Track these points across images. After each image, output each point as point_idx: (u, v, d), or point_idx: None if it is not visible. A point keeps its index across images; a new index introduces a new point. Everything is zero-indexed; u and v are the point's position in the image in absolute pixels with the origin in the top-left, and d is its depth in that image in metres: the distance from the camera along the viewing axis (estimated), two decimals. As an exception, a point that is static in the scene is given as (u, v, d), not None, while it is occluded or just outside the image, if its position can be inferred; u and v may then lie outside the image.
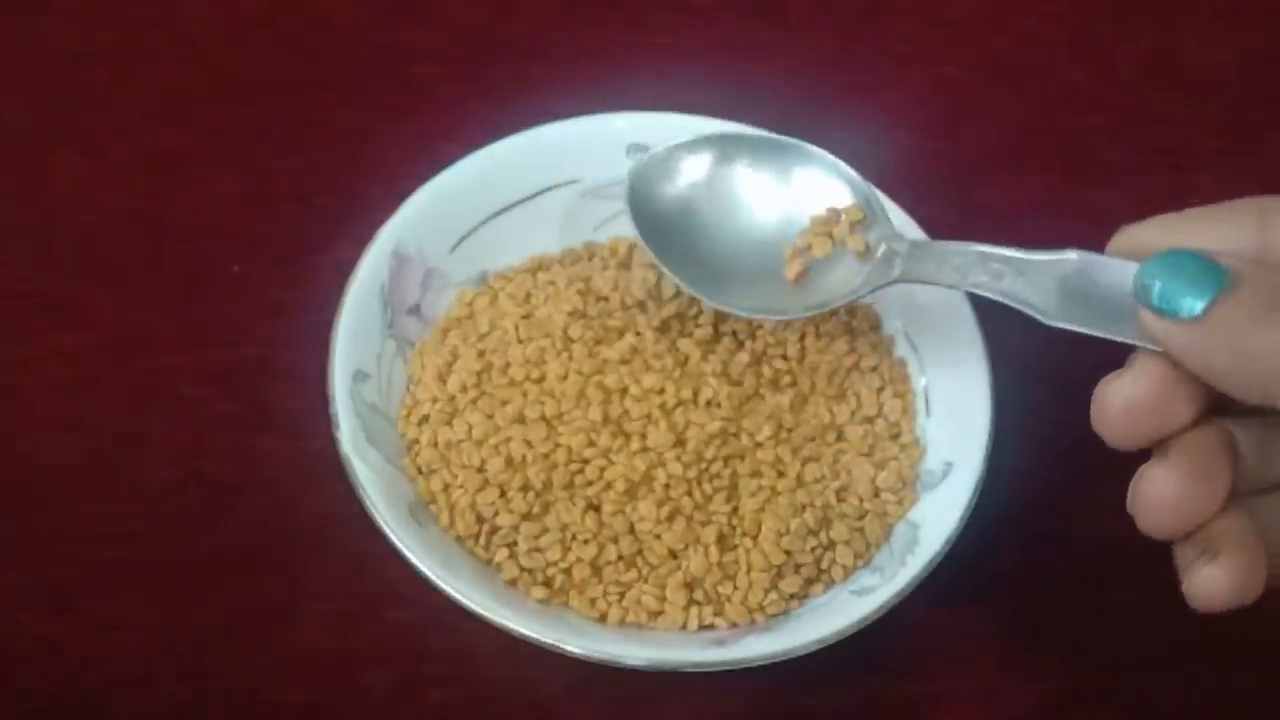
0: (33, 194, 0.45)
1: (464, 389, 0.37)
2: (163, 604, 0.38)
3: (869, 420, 0.39)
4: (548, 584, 0.35)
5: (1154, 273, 0.28)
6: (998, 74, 0.51)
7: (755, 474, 0.37)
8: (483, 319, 0.39)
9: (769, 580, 0.35)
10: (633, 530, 0.35)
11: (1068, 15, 0.53)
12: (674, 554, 0.35)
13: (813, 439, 0.38)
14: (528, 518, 0.35)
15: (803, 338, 0.40)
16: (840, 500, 0.37)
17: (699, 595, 0.35)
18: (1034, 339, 0.37)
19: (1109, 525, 0.31)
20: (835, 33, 0.52)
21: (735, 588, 0.35)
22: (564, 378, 0.37)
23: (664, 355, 0.38)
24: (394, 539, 0.34)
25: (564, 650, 0.33)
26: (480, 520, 0.36)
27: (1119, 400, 0.29)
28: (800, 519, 0.36)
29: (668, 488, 0.36)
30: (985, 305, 0.39)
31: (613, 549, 0.35)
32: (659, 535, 0.35)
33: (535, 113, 0.42)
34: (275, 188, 0.46)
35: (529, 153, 0.42)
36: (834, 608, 0.35)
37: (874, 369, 0.40)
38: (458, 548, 0.36)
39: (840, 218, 0.37)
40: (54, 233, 0.44)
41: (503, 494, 0.36)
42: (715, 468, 0.36)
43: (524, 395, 0.37)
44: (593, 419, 0.36)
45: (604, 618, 0.35)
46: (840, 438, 0.38)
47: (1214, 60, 0.52)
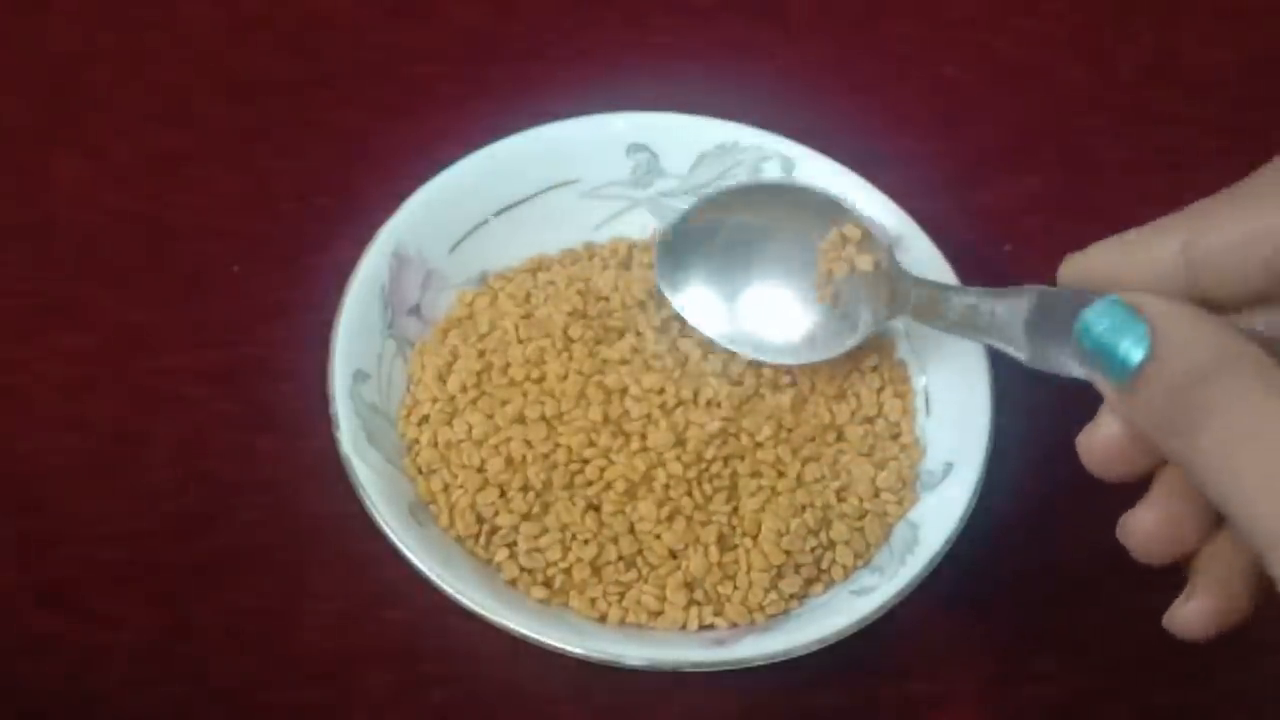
0: (33, 194, 0.45)
1: (464, 389, 0.37)
2: (163, 604, 0.38)
3: (869, 420, 0.39)
4: (547, 584, 0.35)
5: (1090, 322, 0.28)
6: (998, 74, 0.51)
7: (755, 474, 0.37)
8: (483, 319, 0.39)
9: (769, 580, 0.35)
10: (633, 530, 0.36)
11: (1068, 15, 0.53)
12: (674, 554, 0.36)
13: (813, 439, 0.38)
14: (527, 518, 0.35)
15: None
16: (840, 500, 0.37)
17: (699, 595, 0.35)
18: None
19: (1109, 525, 0.31)
20: (835, 33, 0.52)
21: (735, 588, 0.35)
22: (564, 378, 0.37)
23: (664, 355, 0.38)
24: (394, 539, 0.34)
25: (564, 650, 0.33)
26: (480, 520, 0.36)
27: (1097, 446, 0.30)
28: (800, 519, 0.36)
29: (667, 488, 0.36)
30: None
31: (612, 549, 0.35)
32: (659, 535, 0.35)
33: (535, 113, 0.42)
34: (275, 188, 0.46)
35: (529, 153, 0.42)
36: (834, 608, 0.35)
37: (874, 369, 0.40)
38: (458, 548, 0.36)
39: (845, 241, 0.38)
40: (54, 233, 0.45)
41: (503, 494, 0.36)
42: (715, 468, 0.36)
43: (524, 395, 0.37)
44: (593, 419, 0.36)
45: (604, 618, 0.35)
46: (840, 438, 0.38)
47: (1214, 60, 0.52)
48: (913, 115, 0.50)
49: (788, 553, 0.36)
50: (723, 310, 0.39)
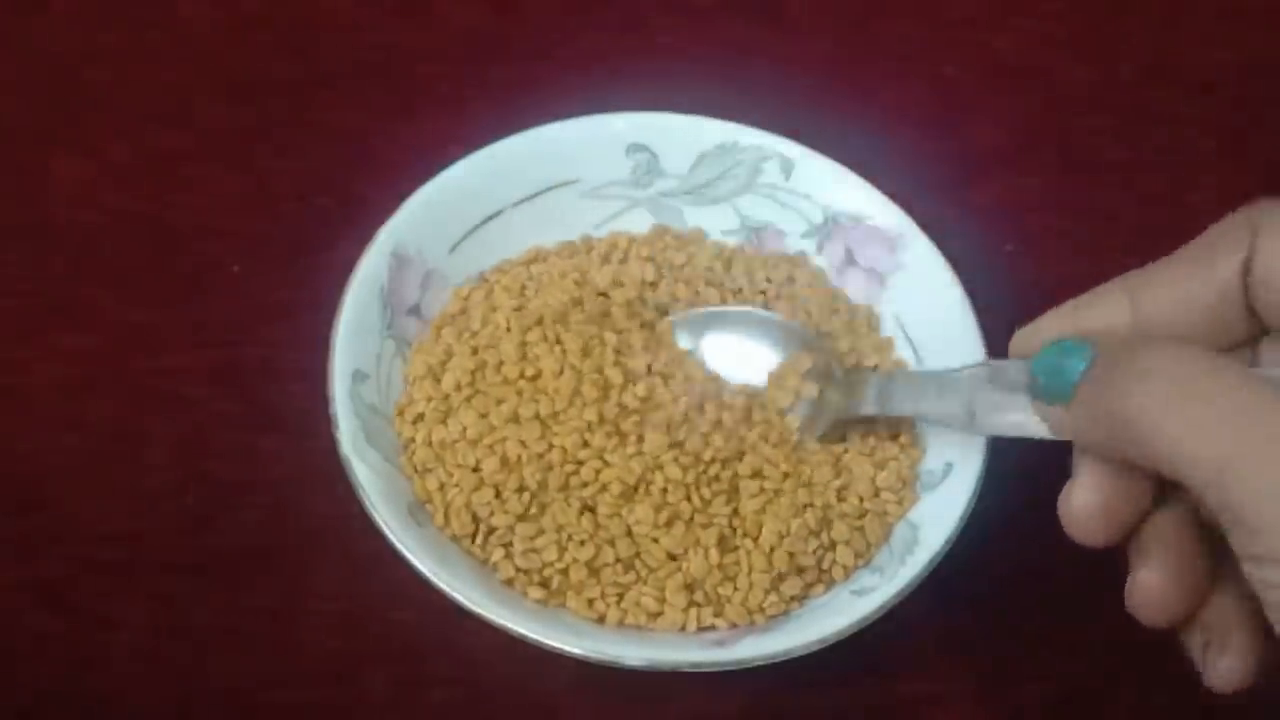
0: (33, 194, 0.45)
1: (458, 387, 0.37)
2: (163, 604, 0.38)
3: (869, 420, 0.39)
4: (545, 584, 0.35)
5: (1039, 363, 0.30)
6: (998, 74, 0.51)
7: (755, 475, 0.37)
8: (476, 314, 0.39)
9: (770, 581, 0.35)
10: (630, 533, 0.35)
11: (1068, 15, 0.53)
12: (673, 557, 0.35)
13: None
14: (523, 518, 0.35)
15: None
16: (840, 500, 0.37)
17: (699, 597, 0.35)
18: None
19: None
20: (835, 33, 0.52)
21: (736, 589, 0.35)
22: (559, 373, 0.37)
23: (662, 354, 0.38)
24: (393, 539, 0.34)
25: (564, 651, 0.33)
26: (476, 520, 0.36)
27: (1078, 504, 0.30)
28: (801, 519, 0.36)
29: (665, 492, 0.36)
30: (986, 305, 0.39)
31: (610, 551, 0.35)
32: (657, 539, 0.35)
33: (535, 113, 0.42)
34: (275, 188, 0.46)
35: (529, 153, 0.42)
36: (834, 608, 0.35)
37: (874, 369, 0.40)
38: (456, 548, 0.36)
39: (793, 372, 0.38)
40: (54, 233, 0.45)
41: (498, 494, 0.36)
42: (714, 469, 0.36)
43: (518, 394, 0.37)
44: (588, 419, 0.36)
45: (602, 619, 0.35)
46: (840, 438, 0.38)
47: (1214, 60, 0.52)
48: (913, 115, 0.50)
49: (789, 554, 0.36)
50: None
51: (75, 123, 0.47)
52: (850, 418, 0.37)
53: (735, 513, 0.36)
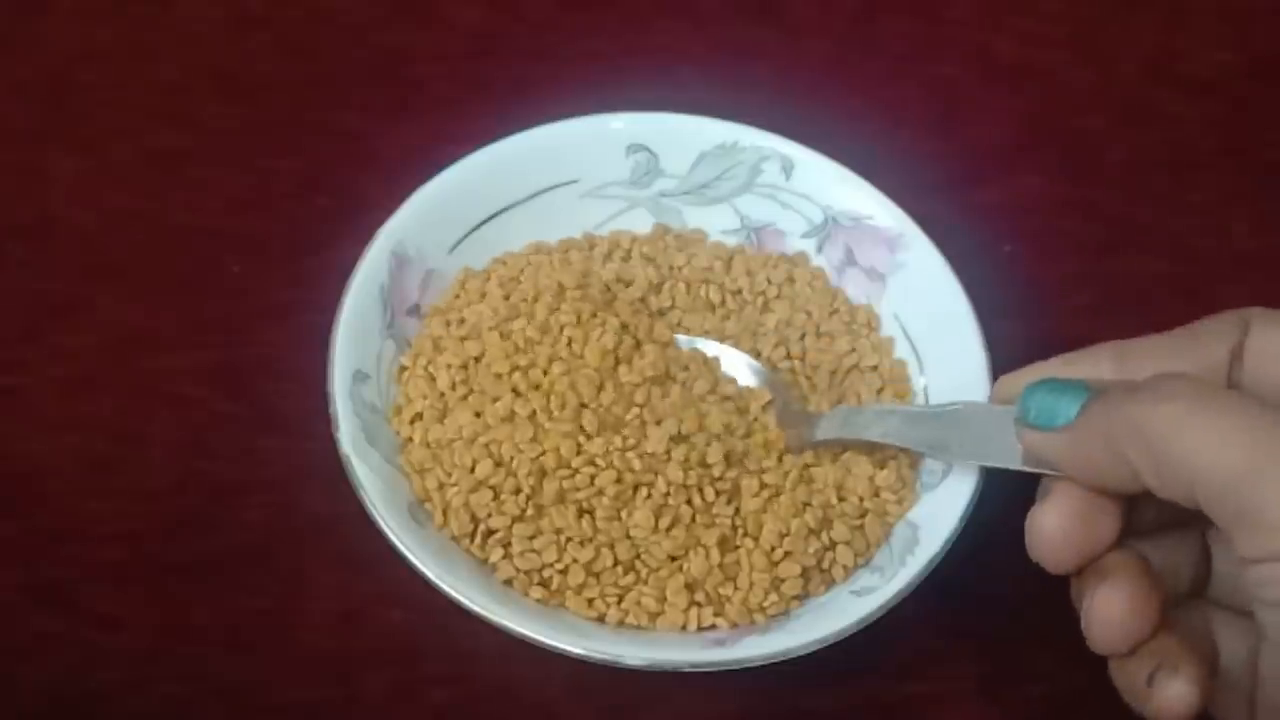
0: (33, 194, 0.45)
1: (453, 386, 0.37)
2: (163, 604, 0.38)
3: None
4: (544, 585, 0.35)
5: (1031, 395, 0.31)
6: (998, 74, 0.51)
7: (756, 474, 0.37)
8: (463, 303, 0.39)
9: (770, 581, 0.35)
10: (629, 536, 0.35)
11: (1068, 15, 0.53)
12: (673, 558, 0.35)
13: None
14: (521, 519, 0.35)
15: (803, 337, 0.40)
16: (840, 500, 0.37)
17: (699, 597, 0.35)
18: (1034, 339, 0.37)
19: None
20: (835, 33, 0.52)
21: (736, 589, 0.35)
22: (553, 369, 0.37)
23: (661, 352, 0.38)
24: (393, 539, 0.34)
25: (564, 651, 0.33)
26: (475, 520, 0.35)
27: (1051, 525, 0.31)
28: (801, 519, 0.36)
29: (666, 495, 0.35)
30: (986, 305, 0.39)
31: (609, 554, 0.35)
32: (657, 541, 0.35)
33: (535, 113, 0.42)
34: (275, 188, 0.46)
35: (529, 153, 0.42)
36: (834, 608, 0.35)
37: (874, 369, 0.40)
38: (456, 547, 0.36)
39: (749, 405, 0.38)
40: (54, 233, 0.44)
41: (495, 495, 0.35)
42: (718, 469, 0.36)
43: (513, 392, 0.36)
44: (585, 424, 0.36)
45: (602, 619, 0.35)
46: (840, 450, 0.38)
47: (1215, 60, 0.52)
48: (912, 115, 0.50)
49: (789, 553, 0.36)
50: None
51: (75, 122, 0.47)
52: (810, 444, 0.38)
53: (736, 513, 0.36)
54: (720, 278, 0.41)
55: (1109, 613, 0.31)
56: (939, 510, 0.36)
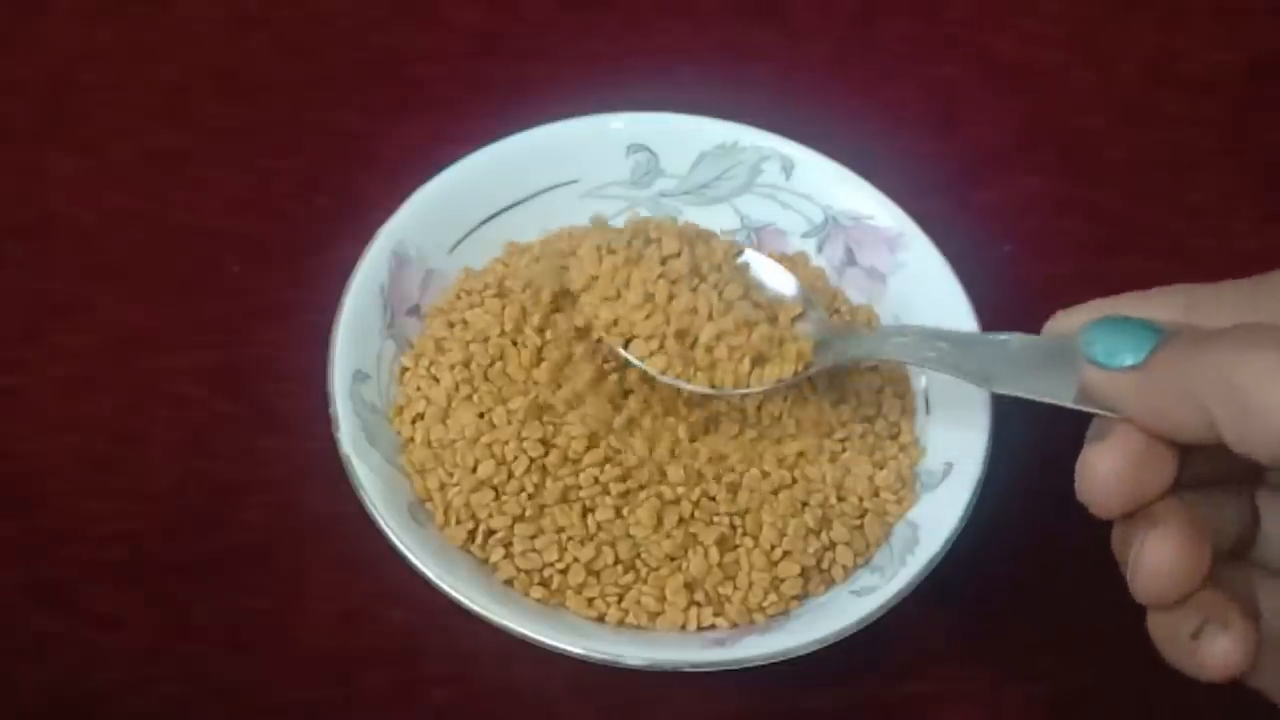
0: (33, 194, 0.45)
1: (456, 386, 0.37)
2: (163, 604, 0.38)
3: (869, 420, 0.39)
4: (545, 584, 0.35)
5: (1097, 331, 0.30)
6: (997, 74, 0.51)
7: (757, 474, 0.37)
8: (470, 310, 0.39)
9: (770, 581, 0.35)
10: (629, 534, 0.35)
11: (1068, 15, 0.53)
12: (672, 557, 0.35)
13: (813, 438, 0.38)
14: (522, 519, 0.35)
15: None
16: (840, 500, 0.37)
17: (699, 596, 0.35)
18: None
19: (1108, 525, 0.31)
20: (835, 33, 0.52)
21: (736, 588, 0.35)
22: (537, 362, 0.37)
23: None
24: (393, 539, 0.34)
25: (564, 650, 0.33)
26: (475, 520, 0.35)
27: (1106, 467, 0.30)
28: (800, 519, 0.36)
29: (665, 494, 0.35)
30: (986, 305, 0.39)
31: (610, 552, 0.35)
32: (657, 541, 0.35)
33: (535, 113, 0.42)
34: (275, 188, 0.46)
35: (529, 153, 0.42)
36: (834, 608, 0.35)
37: (874, 368, 0.40)
38: (456, 547, 0.36)
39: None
40: (54, 233, 0.44)
41: (497, 495, 0.35)
42: (719, 469, 0.36)
43: (520, 391, 0.37)
44: (588, 425, 0.36)
45: (602, 618, 0.35)
46: (840, 437, 0.38)
47: (1215, 60, 0.52)
48: (912, 115, 0.50)
49: (788, 553, 0.36)
50: None
51: (75, 122, 0.47)
52: (846, 360, 0.37)
53: (735, 512, 0.36)
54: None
55: (1159, 560, 0.29)
56: (939, 510, 0.36)
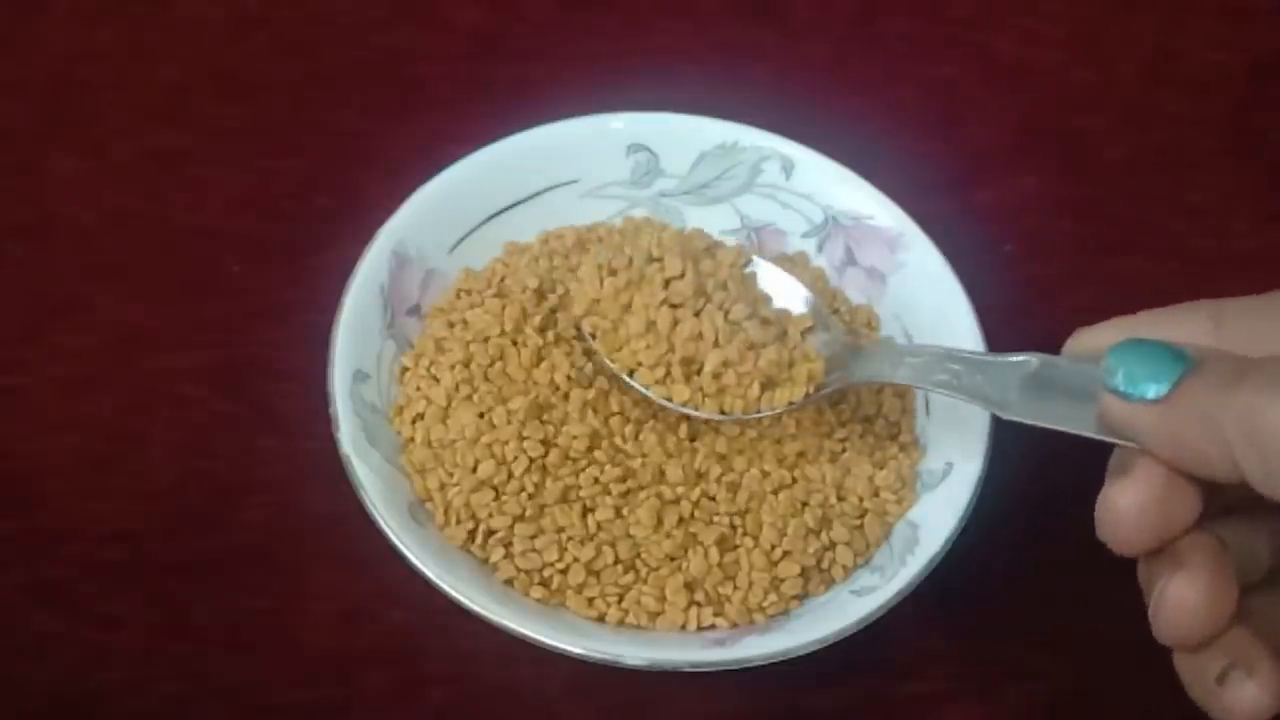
0: (33, 194, 0.45)
1: (456, 386, 0.37)
2: (163, 604, 0.38)
3: (868, 420, 0.39)
4: (545, 584, 0.35)
5: (1119, 357, 0.28)
6: (997, 74, 0.51)
7: (757, 474, 0.37)
8: (470, 310, 0.39)
9: (770, 581, 0.35)
10: (629, 534, 0.35)
11: (1068, 15, 0.53)
12: (672, 557, 0.35)
13: (812, 438, 0.38)
14: (522, 519, 0.35)
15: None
16: (840, 500, 0.37)
17: (699, 596, 0.35)
18: (1034, 339, 0.37)
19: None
20: (835, 33, 0.52)
21: (736, 588, 0.35)
22: (536, 362, 0.37)
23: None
24: (394, 539, 0.34)
25: (564, 650, 0.33)
26: (476, 520, 0.36)
27: (1127, 504, 0.28)
28: (800, 519, 0.36)
29: (665, 494, 0.36)
30: (986, 305, 0.39)
31: (610, 552, 0.35)
32: (657, 541, 0.35)
33: (535, 113, 0.42)
34: (275, 188, 0.46)
35: (529, 153, 0.42)
36: (834, 608, 0.35)
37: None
38: (456, 547, 0.36)
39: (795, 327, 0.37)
40: (54, 233, 0.45)
41: (497, 495, 0.36)
42: (720, 469, 0.36)
43: (520, 391, 0.37)
44: (589, 424, 0.36)
45: (602, 618, 0.35)
46: (840, 437, 0.38)
47: (1215, 60, 0.52)
48: (912, 115, 0.50)
49: (788, 553, 0.36)
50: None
51: (75, 122, 0.47)
52: (857, 381, 0.36)
53: (735, 512, 0.36)
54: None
55: (1183, 603, 0.28)
56: (939, 510, 0.36)
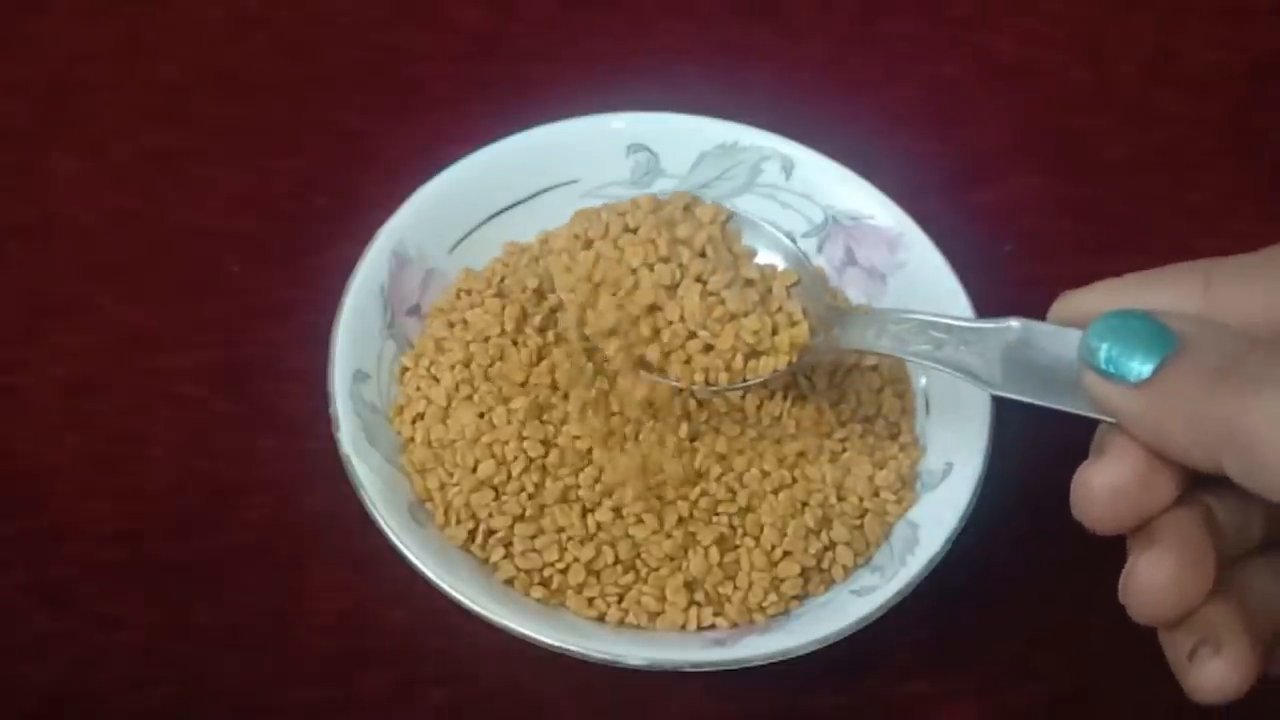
0: (33, 194, 0.45)
1: (456, 386, 0.37)
2: (163, 604, 0.38)
3: (869, 420, 0.39)
4: (545, 584, 0.35)
5: (1101, 335, 0.27)
6: (997, 74, 0.51)
7: (756, 474, 0.37)
8: (470, 310, 0.39)
9: (769, 581, 0.35)
10: (629, 535, 0.35)
11: (1068, 15, 0.53)
12: (672, 557, 0.35)
13: (812, 438, 0.38)
14: (522, 519, 0.35)
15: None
16: (840, 500, 0.37)
17: (699, 596, 0.35)
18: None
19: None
20: (835, 33, 0.52)
21: (736, 588, 0.35)
22: (536, 359, 0.37)
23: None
24: (394, 539, 0.34)
25: (564, 650, 0.33)
26: (476, 520, 0.36)
27: (1101, 484, 0.28)
28: (800, 519, 0.36)
29: (662, 496, 0.36)
30: (986, 305, 0.39)
31: (610, 552, 0.35)
32: (657, 541, 0.35)
33: (535, 113, 0.42)
34: (275, 188, 0.46)
35: (529, 153, 0.42)
36: (834, 608, 0.35)
37: (874, 368, 0.40)
38: (456, 547, 0.36)
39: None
40: (54, 233, 0.45)
41: (497, 495, 0.36)
42: (718, 469, 0.36)
43: (521, 390, 0.37)
44: (589, 424, 0.36)
45: (602, 618, 0.35)
46: (840, 437, 0.38)
47: (1215, 60, 0.52)
48: (912, 115, 0.50)
49: (788, 553, 0.36)
50: None
51: (75, 122, 0.47)
52: (842, 349, 0.35)
53: (735, 512, 0.36)
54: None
55: (1151, 582, 0.27)
56: (939, 510, 0.36)
